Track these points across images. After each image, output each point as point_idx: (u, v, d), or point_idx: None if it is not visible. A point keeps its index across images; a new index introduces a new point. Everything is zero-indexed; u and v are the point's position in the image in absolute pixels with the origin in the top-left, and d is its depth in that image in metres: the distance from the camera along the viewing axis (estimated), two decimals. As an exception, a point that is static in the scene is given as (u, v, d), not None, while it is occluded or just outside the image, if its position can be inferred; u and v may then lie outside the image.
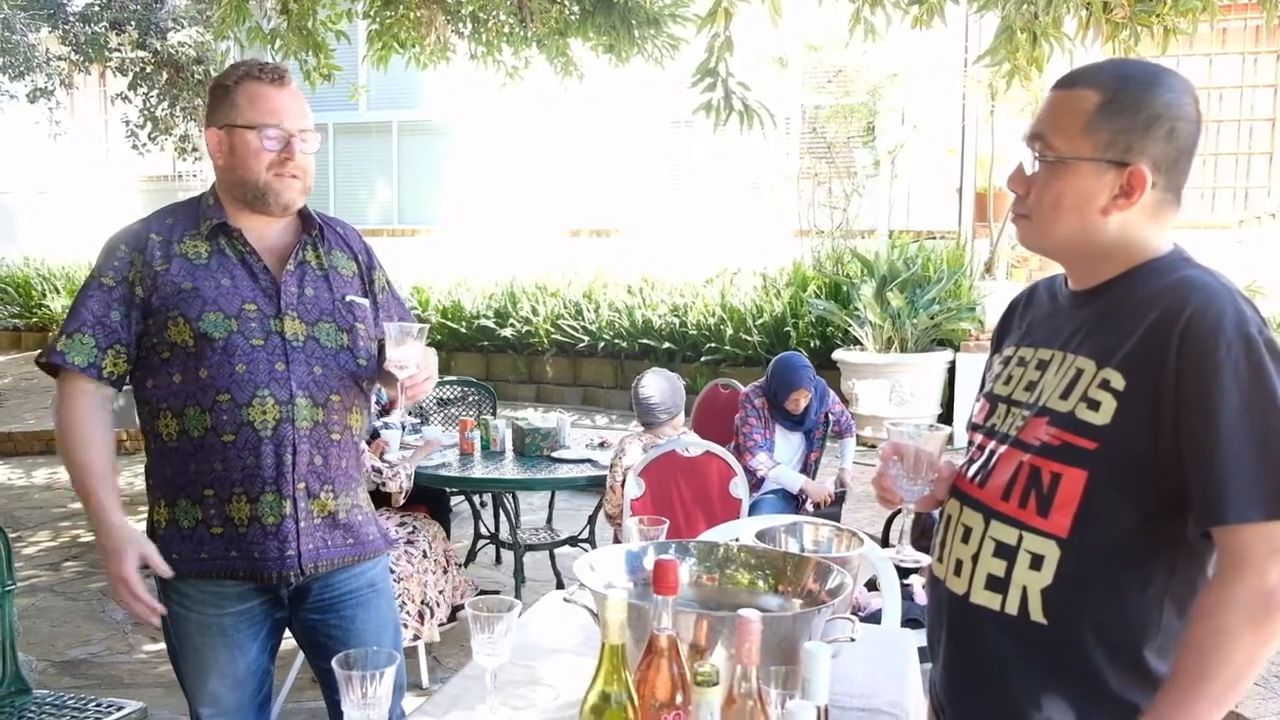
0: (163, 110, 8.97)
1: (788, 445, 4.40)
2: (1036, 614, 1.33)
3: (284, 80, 1.94)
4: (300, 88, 2.01)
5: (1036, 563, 1.32)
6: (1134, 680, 1.31)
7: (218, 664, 2.00)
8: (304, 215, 2.03)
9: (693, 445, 3.68)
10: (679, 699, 1.27)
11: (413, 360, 1.91)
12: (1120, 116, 1.30)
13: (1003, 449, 1.40)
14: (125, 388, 2.01)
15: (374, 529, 2.10)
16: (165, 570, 1.91)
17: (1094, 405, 1.29)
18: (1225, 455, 1.20)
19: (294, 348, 1.93)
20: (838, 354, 7.33)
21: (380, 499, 3.82)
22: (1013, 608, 1.34)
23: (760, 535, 1.93)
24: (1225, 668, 1.20)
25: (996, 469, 1.40)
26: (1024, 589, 1.33)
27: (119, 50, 8.73)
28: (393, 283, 2.21)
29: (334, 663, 1.41)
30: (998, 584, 1.36)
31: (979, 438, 1.49)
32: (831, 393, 4.54)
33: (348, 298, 2.03)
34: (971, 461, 1.48)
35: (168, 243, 1.94)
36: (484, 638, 1.58)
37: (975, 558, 1.39)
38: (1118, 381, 1.28)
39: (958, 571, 1.42)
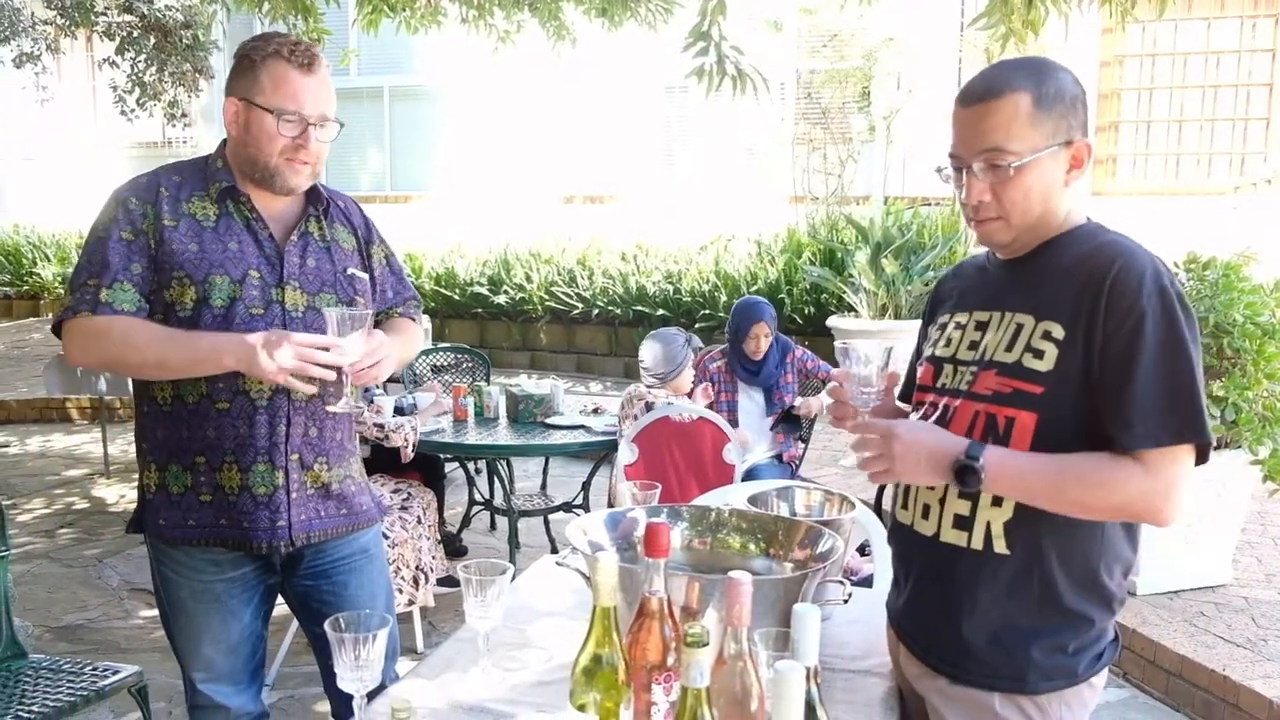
0: (151, 75, 8.83)
1: (752, 403, 4.32)
2: (1000, 546, 1.49)
3: (313, 66, 1.90)
4: None
5: (997, 500, 1.48)
6: (1087, 594, 1.49)
7: (211, 629, 2.00)
8: (311, 189, 2.01)
9: (686, 411, 3.68)
10: (670, 660, 1.28)
11: (353, 350, 1.82)
12: (1055, 105, 1.47)
13: (958, 402, 1.54)
14: None
15: (367, 498, 2.11)
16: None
17: (1038, 354, 1.46)
18: (1142, 389, 1.38)
19: (293, 318, 1.92)
20: (832, 320, 7.32)
21: (374, 465, 3.82)
22: (978, 543, 1.50)
23: (752, 500, 1.94)
24: (1069, 486, 1.40)
25: (954, 420, 1.53)
26: (987, 524, 1.50)
27: (105, 14, 8.60)
28: (394, 256, 2.19)
29: (326, 626, 1.42)
30: (963, 522, 1.52)
31: (930, 397, 1.62)
32: (800, 348, 4.44)
33: (349, 270, 2.03)
34: (925, 418, 1.60)
35: (176, 200, 1.91)
36: (476, 601, 1.60)
37: (942, 501, 1.55)
38: (1057, 331, 1.45)
39: (926, 515, 1.58)
